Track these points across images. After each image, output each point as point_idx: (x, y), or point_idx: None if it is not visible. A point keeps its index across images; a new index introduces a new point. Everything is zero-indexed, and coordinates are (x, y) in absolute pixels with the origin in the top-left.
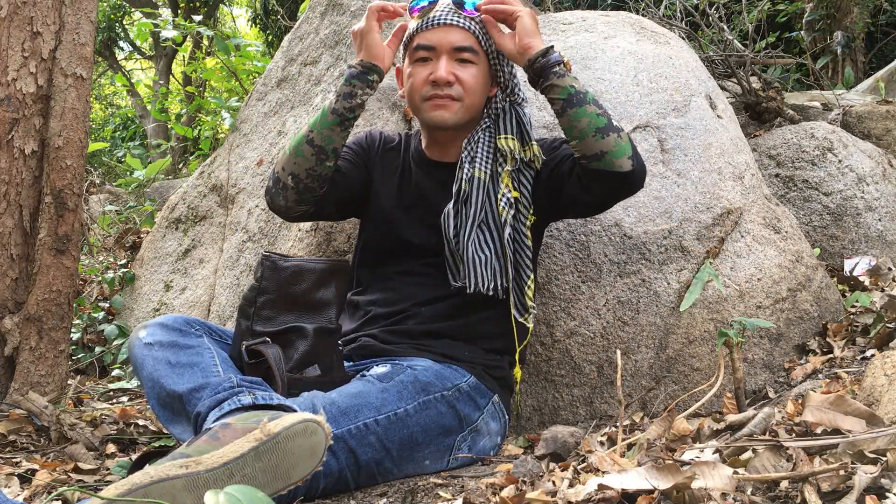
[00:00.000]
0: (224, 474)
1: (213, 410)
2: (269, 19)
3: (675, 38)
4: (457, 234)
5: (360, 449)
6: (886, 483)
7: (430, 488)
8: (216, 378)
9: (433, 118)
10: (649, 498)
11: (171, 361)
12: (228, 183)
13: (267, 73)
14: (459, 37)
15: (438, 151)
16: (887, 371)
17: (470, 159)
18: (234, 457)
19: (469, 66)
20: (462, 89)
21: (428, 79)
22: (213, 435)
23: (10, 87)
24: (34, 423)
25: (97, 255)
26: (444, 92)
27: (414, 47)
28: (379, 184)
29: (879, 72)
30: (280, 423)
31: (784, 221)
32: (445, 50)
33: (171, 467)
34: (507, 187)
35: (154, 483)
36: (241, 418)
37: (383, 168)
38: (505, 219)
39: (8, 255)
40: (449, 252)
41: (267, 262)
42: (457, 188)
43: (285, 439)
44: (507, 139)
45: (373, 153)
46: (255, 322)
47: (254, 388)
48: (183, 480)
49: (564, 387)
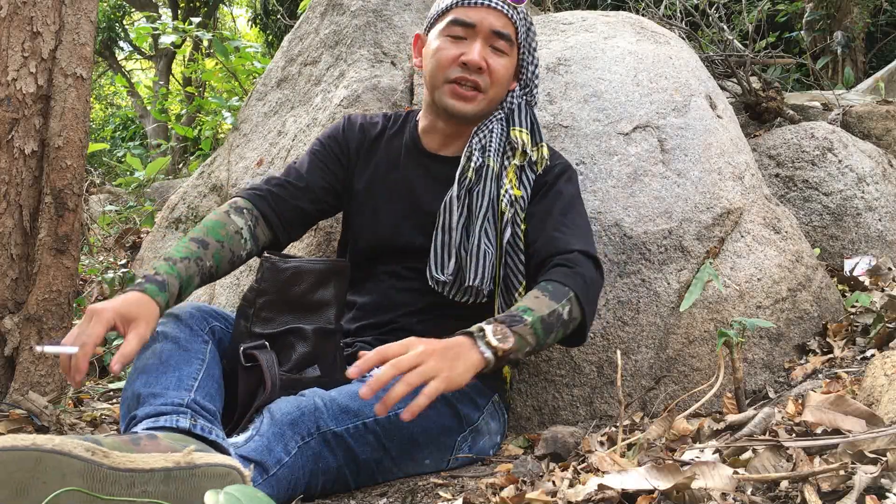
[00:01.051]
0: (125, 480)
1: (148, 419)
2: (269, 19)
3: (675, 38)
4: (456, 226)
5: (358, 448)
6: (886, 483)
7: (430, 488)
8: (175, 392)
9: (452, 106)
10: (649, 498)
11: (162, 359)
12: (228, 183)
13: (267, 73)
14: (501, 22)
15: (438, 142)
16: (887, 371)
17: (481, 148)
18: (144, 468)
19: (502, 56)
20: (490, 80)
21: (458, 59)
22: (134, 439)
23: (10, 87)
24: (34, 423)
25: (97, 255)
26: (472, 77)
27: (450, 20)
28: (361, 178)
29: (879, 72)
30: (205, 457)
31: (784, 221)
32: (484, 33)
33: (78, 446)
34: (511, 183)
35: (53, 453)
36: (173, 437)
37: (367, 160)
38: (507, 218)
39: (8, 255)
40: (441, 242)
41: (267, 262)
42: (462, 175)
43: (202, 476)
44: (520, 132)
45: (352, 150)
46: (254, 323)
47: (199, 416)
48: (81, 464)
49: (564, 387)
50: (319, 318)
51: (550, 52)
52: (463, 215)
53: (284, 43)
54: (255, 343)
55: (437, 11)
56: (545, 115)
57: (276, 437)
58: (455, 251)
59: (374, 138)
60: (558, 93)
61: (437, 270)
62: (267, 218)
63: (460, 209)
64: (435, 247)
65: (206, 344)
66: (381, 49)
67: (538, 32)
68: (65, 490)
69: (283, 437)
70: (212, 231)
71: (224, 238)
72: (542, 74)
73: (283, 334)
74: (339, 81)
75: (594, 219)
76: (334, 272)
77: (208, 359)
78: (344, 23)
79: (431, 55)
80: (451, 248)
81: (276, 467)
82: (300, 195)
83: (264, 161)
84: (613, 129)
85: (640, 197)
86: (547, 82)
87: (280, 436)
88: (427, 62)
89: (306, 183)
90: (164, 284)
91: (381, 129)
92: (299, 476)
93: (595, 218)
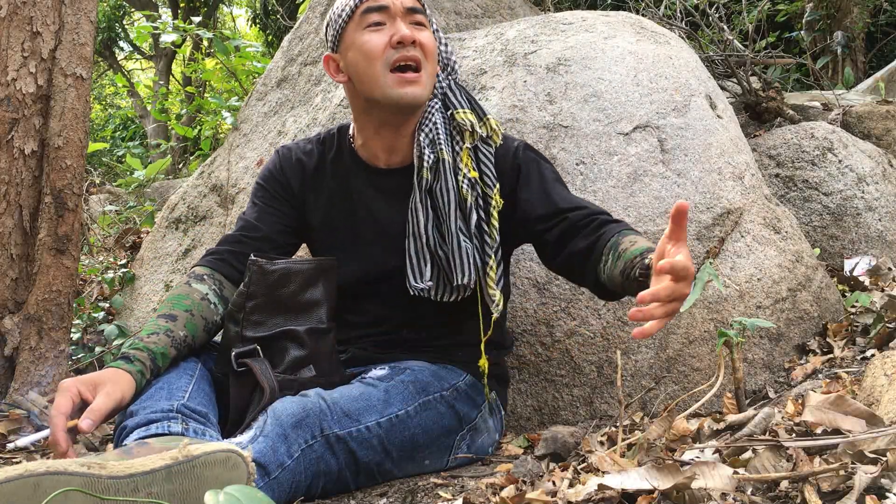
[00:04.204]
0: (128, 486)
1: (139, 429)
2: (269, 19)
3: (675, 38)
4: (425, 230)
5: (360, 451)
6: (886, 483)
7: (430, 488)
8: (166, 402)
9: (402, 96)
10: (649, 498)
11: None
12: (228, 183)
13: (267, 73)
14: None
15: (382, 155)
16: (887, 371)
17: (430, 143)
18: (143, 470)
19: (423, 29)
20: (423, 54)
21: (389, 42)
22: (126, 450)
23: (10, 87)
24: (34, 423)
25: (97, 255)
26: (411, 53)
27: (362, 11)
28: (315, 214)
29: (879, 72)
30: (201, 447)
31: (784, 221)
32: (399, 11)
33: (71, 464)
34: (467, 167)
35: (49, 474)
36: (163, 439)
37: (316, 194)
38: (470, 203)
39: (8, 255)
40: (415, 250)
41: (254, 266)
42: (418, 177)
43: (203, 465)
44: (464, 113)
45: (294, 188)
46: (245, 328)
47: (190, 419)
48: (80, 479)
49: (564, 387)
50: (311, 318)
51: (550, 52)
52: (430, 217)
53: (284, 43)
54: (246, 348)
55: (342, 17)
56: (545, 115)
57: (279, 439)
58: (430, 255)
59: (314, 169)
60: (558, 93)
61: (416, 279)
62: (230, 279)
63: (425, 212)
64: (409, 256)
65: (194, 363)
66: None
67: (538, 33)
68: (68, 489)
69: (287, 440)
70: (176, 304)
71: (191, 307)
72: (541, 74)
73: (276, 337)
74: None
75: None
76: (322, 271)
77: (197, 374)
78: None
79: (359, 53)
80: (426, 254)
81: (278, 470)
82: (259, 245)
83: (264, 161)
84: (613, 129)
85: (640, 197)
86: (547, 82)
87: (283, 437)
88: (356, 64)
89: (262, 232)
90: (132, 358)
91: (319, 158)
92: (300, 479)
93: None
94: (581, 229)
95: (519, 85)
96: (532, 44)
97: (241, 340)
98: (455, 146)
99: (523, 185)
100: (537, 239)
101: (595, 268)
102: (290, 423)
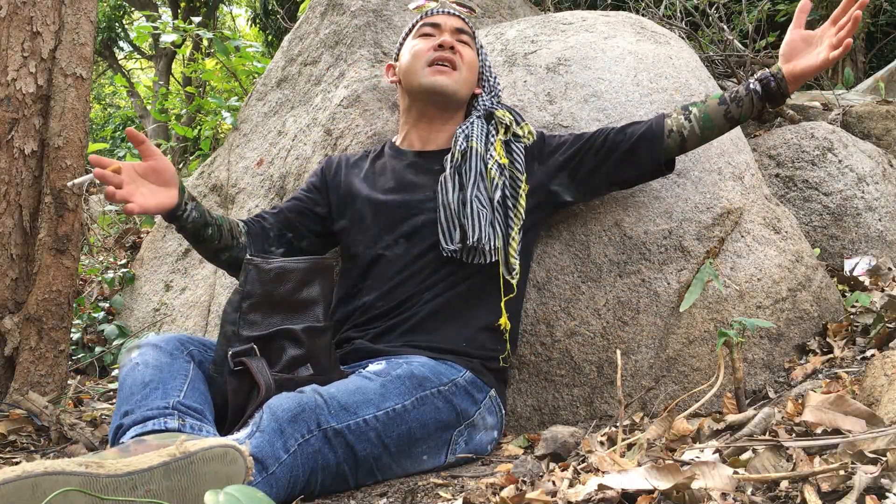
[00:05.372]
0: (126, 484)
1: (136, 426)
2: (269, 19)
3: (675, 38)
4: (452, 199)
5: (358, 444)
6: (886, 483)
7: (430, 488)
8: (162, 400)
9: (433, 82)
10: (649, 498)
11: (145, 381)
12: (228, 183)
13: (267, 73)
14: (460, 24)
15: (421, 142)
16: (887, 371)
17: (465, 137)
18: (141, 468)
19: (466, 46)
20: (461, 60)
21: (432, 46)
22: (123, 448)
23: (10, 87)
24: (34, 423)
25: (97, 255)
26: (447, 55)
27: (420, 26)
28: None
29: (879, 72)
30: (198, 443)
31: (784, 221)
32: (448, 29)
33: (70, 463)
34: (499, 154)
35: (47, 474)
36: (160, 436)
37: (352, 179)
38: (496, 183)
39: (8, 255)
40: (445, 217)
41: (250, 265)
42: (451, 156)
43: (200, 461)
44: (504, 114)
45: (329, 178)
46: (241, 327)
47: (187, 416)
48: (79, 479)
49: (564, 387)
50: (307, 316)
51: (550, 52)
52: (456, 189)
53: (284, 43)
54: (243, 347)
55: (404, 32)
56: (545, 114)
57: (276, 434)
58: (458, 221)
59: (354, 161)
60: (558, 93)
61: (447, 242)
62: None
63: (453, 184)
64: (440, 222)
65: (188, 363)
66: (381, 49)
67: (538, 33)
68: (67, 489)
69: (284, 434)
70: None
71: (223, 220)
72: (541, 74)
73: (273, 336)
74: (340, 81)
75: (594, 219)
76: (319, 270)
77: (192, 375)
78: (344, 23)
79: (408, 54)
80: (454, 220)
81: (276, 465)
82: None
83: (264, 161)
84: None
85: (640, 197)
86: (547, 82)
87: (280, 432)
88: (403, 62)
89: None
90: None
91: (361, 156)
92: (298, 474)
93: (595, 218)
94: (622, 130)
95: (519, 85)
96: (532, 44)
97: (238, 340)
98: (489, 141)
99: (549, 141)
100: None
101: (661, 143)
102: (286, 417)
